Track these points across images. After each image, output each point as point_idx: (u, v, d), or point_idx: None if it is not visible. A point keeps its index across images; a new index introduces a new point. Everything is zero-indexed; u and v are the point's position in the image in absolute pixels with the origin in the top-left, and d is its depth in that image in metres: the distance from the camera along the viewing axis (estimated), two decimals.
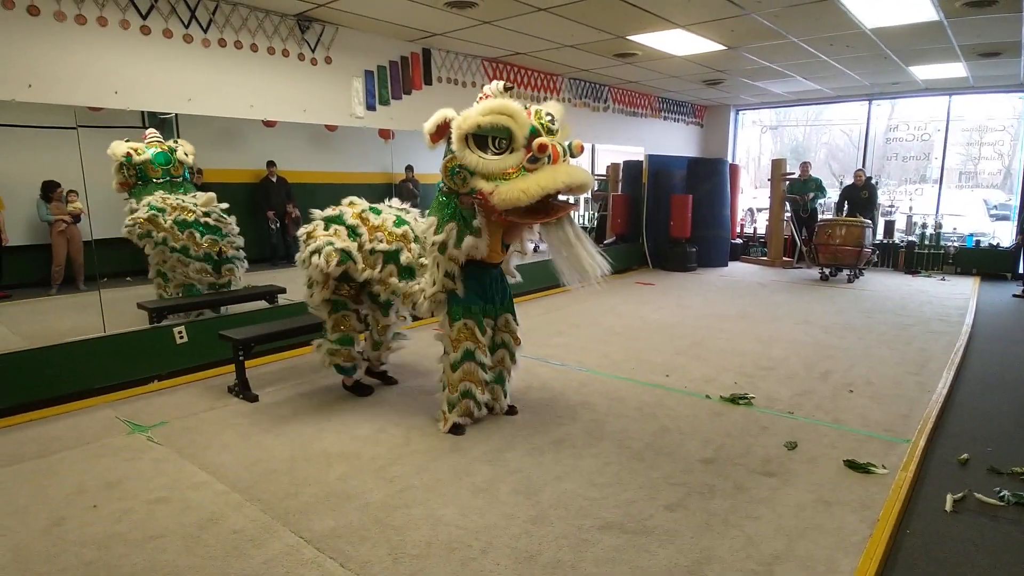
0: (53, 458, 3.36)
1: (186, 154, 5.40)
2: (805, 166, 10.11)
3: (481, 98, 3.37)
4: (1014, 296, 7.92)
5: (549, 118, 3.33)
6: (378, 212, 3.92)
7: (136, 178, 5.24)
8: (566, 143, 3.39)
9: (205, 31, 4.72)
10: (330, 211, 3.96)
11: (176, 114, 5.66)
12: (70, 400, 4.14)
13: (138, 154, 5.10)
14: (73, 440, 3.59)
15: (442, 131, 3.36)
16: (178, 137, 5.83)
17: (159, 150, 5.22)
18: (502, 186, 3.18)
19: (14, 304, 5.71)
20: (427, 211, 3.71)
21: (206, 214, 5.33)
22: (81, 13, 4.09)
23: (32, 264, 6.01)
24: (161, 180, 5.30)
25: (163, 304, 5.11)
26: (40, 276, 6.00)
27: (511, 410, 3.92)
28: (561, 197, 3.42)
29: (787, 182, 10.19)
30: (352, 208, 3.90)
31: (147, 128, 5.87)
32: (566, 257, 3.43)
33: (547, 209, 3.33)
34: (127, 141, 5.18)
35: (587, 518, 2.73)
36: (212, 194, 5.44)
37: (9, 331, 5.07)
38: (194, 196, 5.61)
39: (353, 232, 3.77)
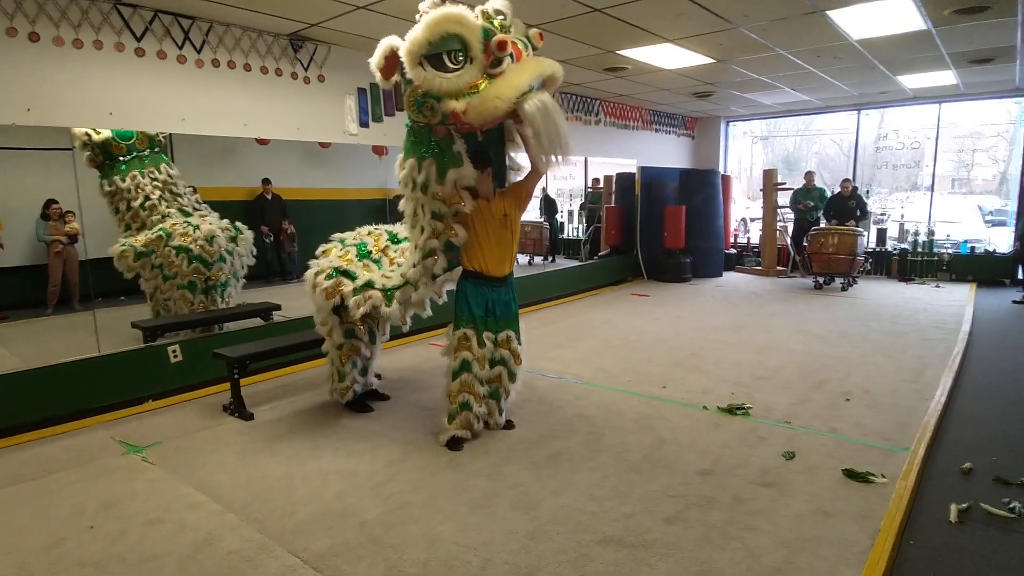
0: (51, 479, 3.34)
1: None
2: (810, 176, 10.16)
3: (419, 16, 3.10)
4: (1014, 303, 7.94)
5: (501, 17, 3.08)
6: (396, 240, 4.01)
7: (103, 157, 5.29)
8: (524, 36, 3.19)
9: (199, 52, 4.75)
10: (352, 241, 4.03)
11: (171, 134, 5.69)
12: (66, 420, 4.12)
13: (97, 133, 5.11)
14: (70, 461, 3.57)
15: (392, 62, 3.12)
16: (172, 158, 5.87)
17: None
18: (473, 99, 2.93)
19: (11, 325, 5.70)
20: (400, 156, 3.48)
21: (206, 241, 5.37)
22: (78, 37, 4.13)
23: (29, 285, 6.01)
24: (128, 157, 5.35)
25: (157, 323, 5.09)
26: (37, 296, 6.00)
27: (508, 425, 3.90)
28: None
29: (792, 191, 10.24)
30: (375, 242, 3.98)
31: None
32: (544, 129, 3.02)
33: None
34: None
35: (586, 532, 2.71)
36: (214, 229, 5.46)
37: (7, 352, 5.05)
38: (202, 213, 5.63)
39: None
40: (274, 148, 6.06)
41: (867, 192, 10.63)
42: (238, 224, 5.72)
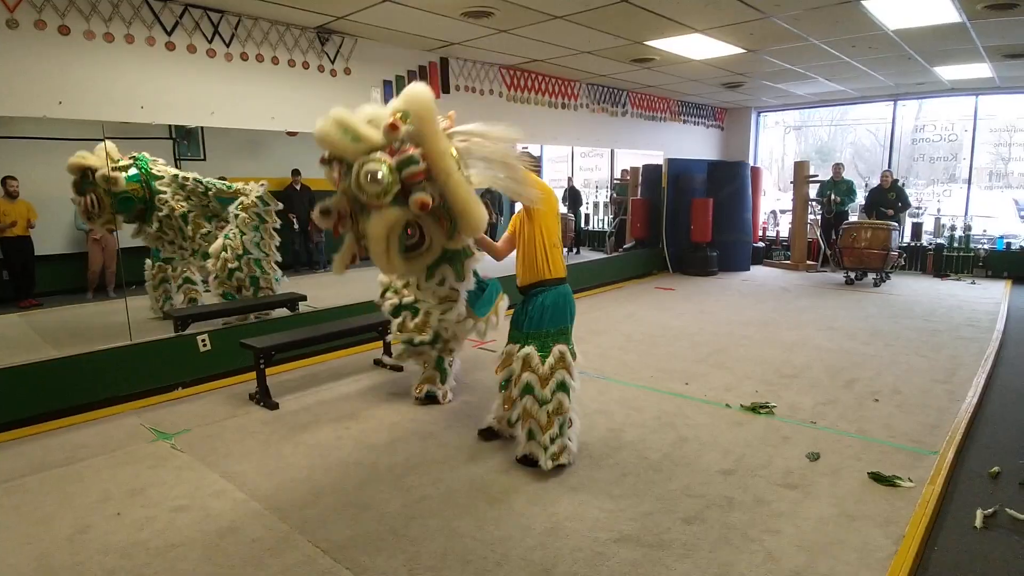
0: (80, 465, 3.44)
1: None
2: (838, 167, 9.92)
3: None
4: None
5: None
6: None
7: (139, 207, 5.65)
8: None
9: (228, 45, 4.80)
10: None
11: (201, 126, 5.80)
12: (97, 407, 4.24)
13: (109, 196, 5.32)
14: (99, 447, 3.67)
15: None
16: (203, 151, 5.99)
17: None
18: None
19: (48, 312, 5.89)
20: None
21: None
22: (109, 31, 4.20)
23: (66, 272, 6.21)
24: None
25: (187, 312, 5.21)
26: (74, 284, 6.19)
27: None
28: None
29: (820, 183, 10.02)
30: None
31: (173, 138, 6.05)
32: (502, 170, 3.01)
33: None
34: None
35: (603, 530, 2.71)
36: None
37: (41, 339, 5.22)
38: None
39: None
40: (303, 139, 6.09)
41: (903, 185, 10.33)
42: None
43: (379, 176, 2.66)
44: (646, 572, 2.42)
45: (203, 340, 4.79)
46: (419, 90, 2.83)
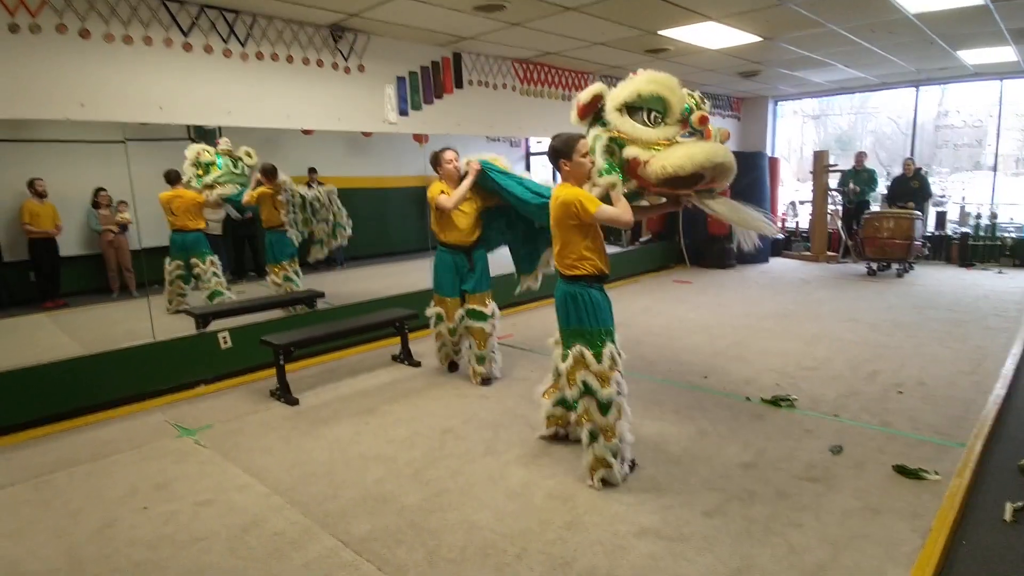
0: (107, 460, 3.51)
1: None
2: (861, 156, 9.75)
3: (633, 74, 3.17)
4: None
5: (701, 96, 3.21)
6: None
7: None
8: (716, 128, 3.23)
9: (243, 45, 4.84)
10: None
11: (219, 126, 5.86)
12: (123, 404, 4.32)
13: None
14: (125, 443, 3.74)
15: (592, 106, 3.13)
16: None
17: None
18: (662, 152, 2.93)
19: (73, 312, 6.00)
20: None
21: None
22: (128, 34, 4.26)
23: (87, 273, 6.32)
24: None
25: (208, 310, 5.27)
26: (95, 284, 6.30)
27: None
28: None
29: (841, 172, 9.88)
30: None
31: (191, 138, 6.14)
32: (736, 221, 3.39)
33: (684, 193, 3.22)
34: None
35: (623, 524, 2.70)
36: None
37: (69, 338, 5.32)
38: None
39: None
40: (318, 138, 6.15)
41: (926, 172, 10.14)
42: None
43: None
44: (667, 565, 2.41)
45: (224, 337, 4.85)
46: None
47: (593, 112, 3.16)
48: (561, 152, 3.01)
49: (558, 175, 3.21)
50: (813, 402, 4.08)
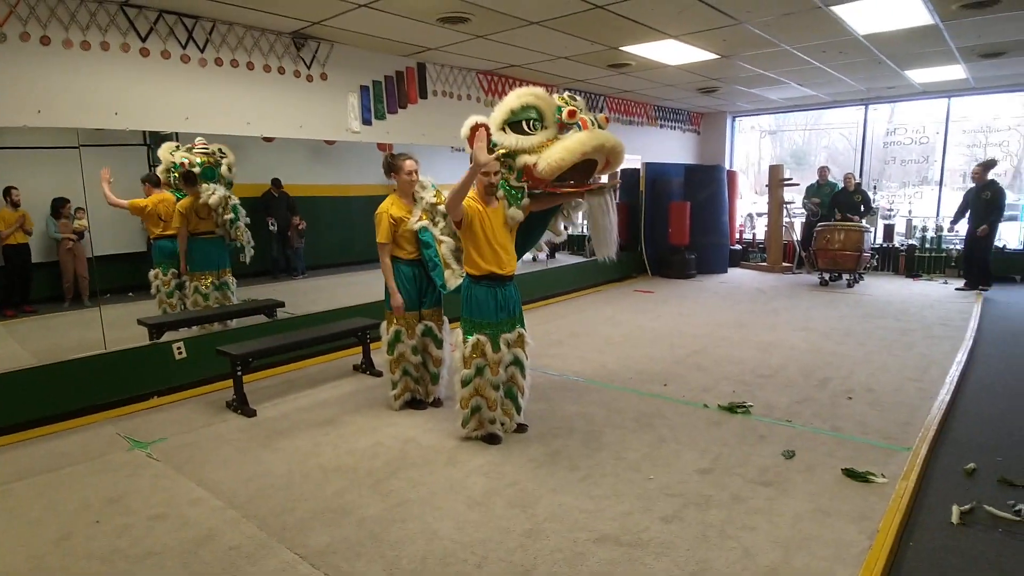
0: (61, 473, 3.42)
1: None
2: (823, 171, 10.09)
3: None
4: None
5: (569, 94, 3.65)
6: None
7: None
8: (592, 117, 3.62)
9: (202, 51, 4.77)
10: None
11: (176, 132, 5.73)
12: (76, 416, 4.19)
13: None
14: (79, 455, 3.64)
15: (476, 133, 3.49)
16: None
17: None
18: (544, 153, 3.40)
19: (25, 321, 5.77)
20: None
21: None
22: (86, 39, 4.20)
23: (43, 281, 6.09)
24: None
25: (162, 320, 5.14)
26: (50, 293, 6.08)
27: (520, 428, 3.85)
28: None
29: (808, 187, 10.20)
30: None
31: (147, 144, 5.98)
32: (600, 226, 3.81)
33: (584, 184, 3.62)
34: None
35: (582, 531, 2.73)
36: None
37: (21, 347, 5.12)
38: None
39: None
40: (280, 145, 6.08)
41: (874, 187, 10.54)
42: None
43: None
44: (625, 571, 2.44)
45: (179, 348, 4.74)
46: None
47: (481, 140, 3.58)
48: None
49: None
50: (768, 408, 4.19)
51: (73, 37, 4.13)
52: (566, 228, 4.18)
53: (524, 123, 3.48)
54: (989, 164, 8.31)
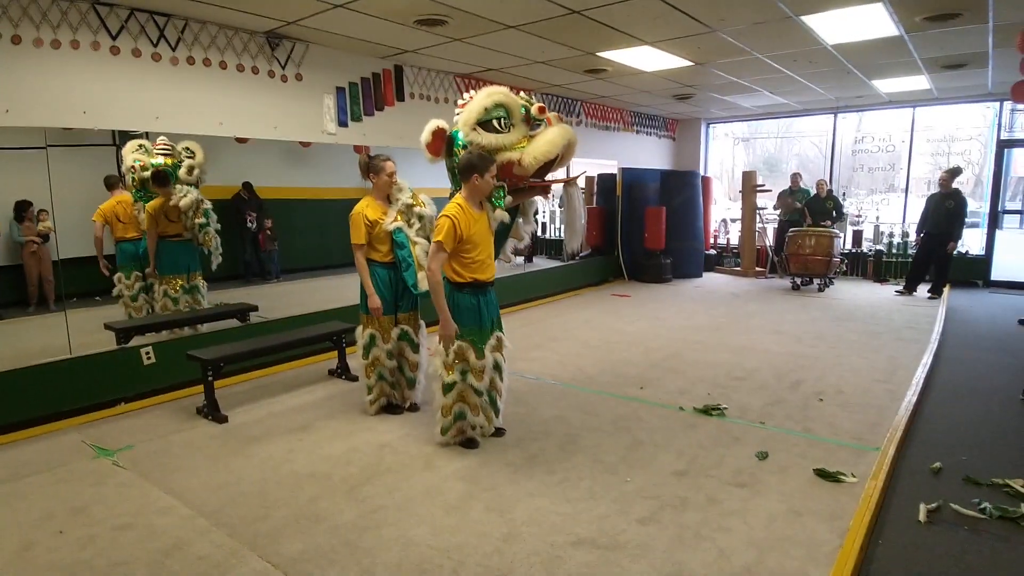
0: (23, 482, 3.31)
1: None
2: (796, 177, 10.29)
3: (461, 105, 3.67)
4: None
5: (525, 97, 3.74)
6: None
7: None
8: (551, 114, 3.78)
9: (174, 49, 4.68)
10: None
11: (147, 132, 5.61)
12: (39, 423, 4.06)
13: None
14: (41, 464, 3.52)
15: (439, 138, 3.61)
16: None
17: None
18: (528, 147, 3.48)
19: None
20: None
21: None
22: (57, 38, 4.11)
23: (6, 285, 5.90)
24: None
25: (130, 325, 5.02)
26: (14, 297, 5.88)
27: (498, 432, 3.83)
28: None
29: (780, 192, 10.38)
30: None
31: (116, 145, 5.83)
32: (571, 220, 3.89)
33: (545, 178, 3.76)
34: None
35: (559, 534, 2.72)
36: None
37: None
38: None
39: None
40: (254, 147, 5.98)
41: (843, 194, 10.77)
42: None
43: None
44: (602, 574, 2.44)
45: (147, 353, 4.62)
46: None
47: (444, 145, 3.65)
48: (479, 167, 3.38)
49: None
50: (741, 411, 4.24)
51: (44, 36, 4.05)
52: (530, 233, 4.18)
53: (495, 122, 3.51)
54: (955, 171, 8.52)
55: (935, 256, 8.57)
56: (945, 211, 8.34)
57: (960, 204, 8.34)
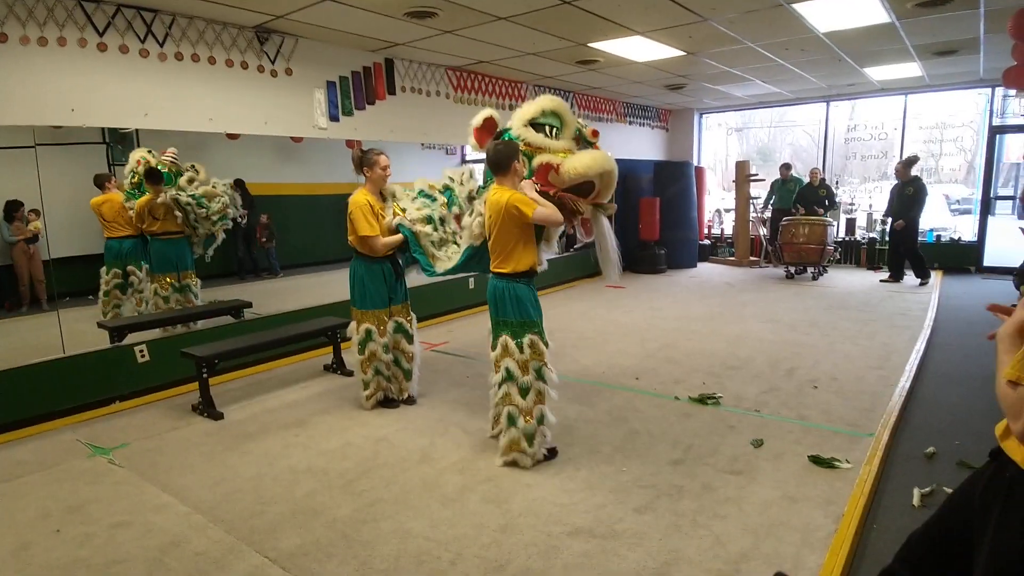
0: (18, 482, 3.30)
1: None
2: (785, 168, 10.29)
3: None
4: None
5: (583, 121, 3.73)
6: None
7: None
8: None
9: (161, 45, 4.64)
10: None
11: (136, 129, 5.57)
12: (33, 423, 4.05)
13: None
14: (36, 464, 3.51)
15: (488, 127, 3.59)
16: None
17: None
18: (571, 158, 3.35)
19: None
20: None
21: None
22: (43, 35, 4.06)
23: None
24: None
25: (123, 323, 4.99)
26: (6, 297, 5.85)
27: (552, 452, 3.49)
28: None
29: (772, 182, 10.40)
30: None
31: (107, 143, 5.79)
32: (604, 248, 3.72)
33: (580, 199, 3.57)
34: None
35: (556, 524, 2.73)
36: None
37: None
38: None
39: None
40: (245, 142, 5.94)
41: (836, 182, 10.80)
42: None
43: None
44: (599, 563, 2.46)
45: (141, 351, 4.61)
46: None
47: (492, 133, 3.59)
48: (513, 157, 3.26)
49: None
50: (737, 399, 4.26)
51: (30, 33, 4.00)
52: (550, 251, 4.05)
53: (546, 127, 3.48)
54: (911, 161, 8.62)
55: (901, 241, 8.69)
56: (906, 197, 8.50)
57: (919, 190, 8.49)
